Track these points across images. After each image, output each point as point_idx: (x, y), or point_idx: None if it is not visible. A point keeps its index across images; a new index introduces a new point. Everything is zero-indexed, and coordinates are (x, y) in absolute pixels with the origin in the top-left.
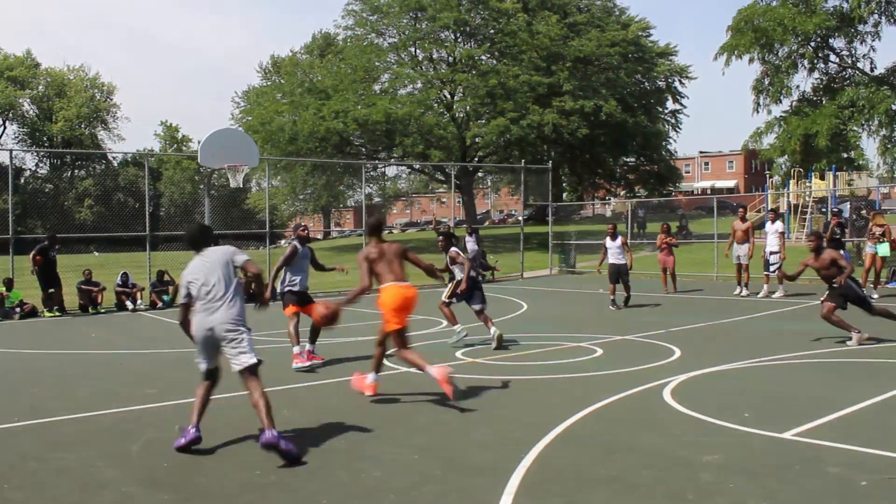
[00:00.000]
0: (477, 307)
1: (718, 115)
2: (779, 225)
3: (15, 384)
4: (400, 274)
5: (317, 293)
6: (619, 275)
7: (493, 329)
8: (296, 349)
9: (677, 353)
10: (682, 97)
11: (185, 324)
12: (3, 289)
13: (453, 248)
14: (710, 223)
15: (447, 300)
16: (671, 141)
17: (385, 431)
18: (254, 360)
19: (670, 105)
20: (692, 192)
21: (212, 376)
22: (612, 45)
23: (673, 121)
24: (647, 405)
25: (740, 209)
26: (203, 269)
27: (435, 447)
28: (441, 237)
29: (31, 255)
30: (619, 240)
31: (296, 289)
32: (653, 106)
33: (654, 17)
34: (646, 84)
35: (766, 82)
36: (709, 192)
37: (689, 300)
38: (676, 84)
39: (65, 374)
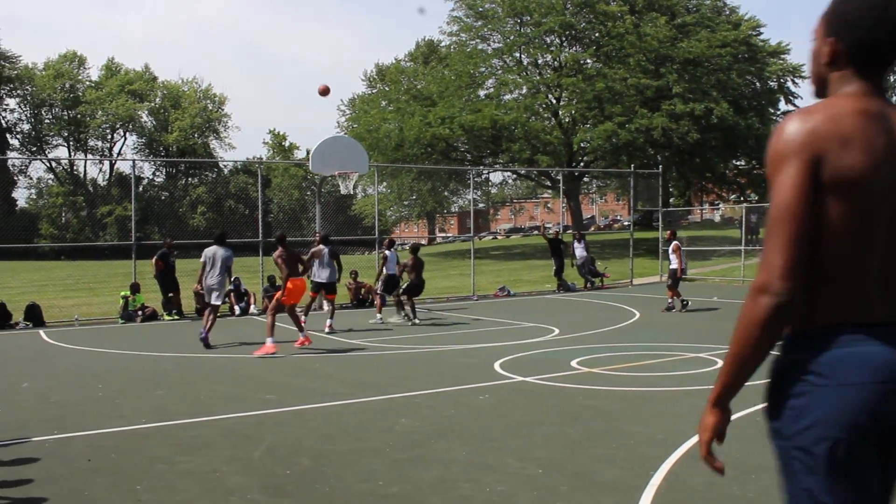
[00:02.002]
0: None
1: None
2: None
3: (141, 386)
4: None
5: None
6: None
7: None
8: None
9: None
10: (795, 97)
11: None
12: (129, 293)
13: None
14: None
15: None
16: None
17: (504, 442)
18: None
19: (783, 106)
20: None
21: None
22: (722, 46)
23: None
24: None
25: None
26: None
27: (558, 461)
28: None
29: (153, 261)
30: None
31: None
32: (765, 107)
33: (765, 15)
34: (757, 85)
35: (893, 80)
36: None
37: None
38: (789, 84)
39: (186, 377)
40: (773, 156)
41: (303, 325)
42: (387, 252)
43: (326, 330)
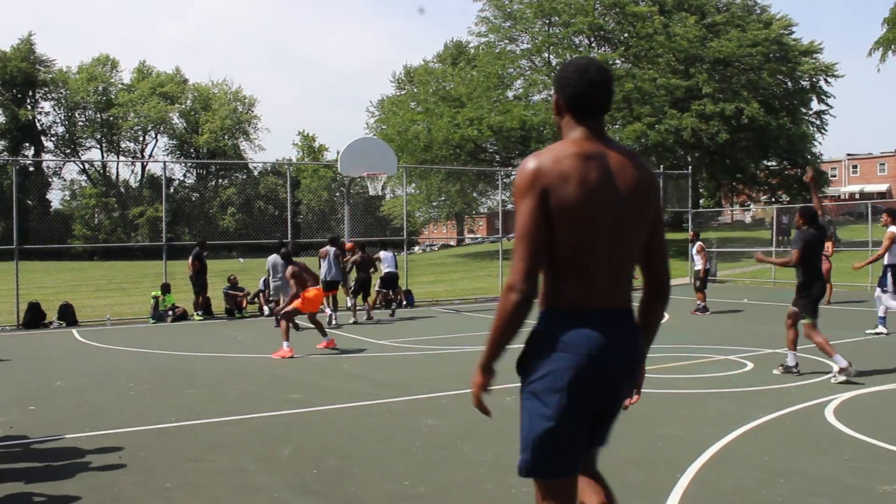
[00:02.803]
0: None
1: (867, 115)
2: None
3: (171, 385)
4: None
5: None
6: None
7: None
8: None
9: (835, 368)
10: (828, 97)
11: None
12: (159, 293)
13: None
14: (860, 230)
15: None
16: (816, 143)
17: None
18: None
19: (815, 105)
20: (839, 196)
21: None
22: (753, 45)
23: (818, 122)
24: (809, 425)
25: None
26: None
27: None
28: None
29: (189, 261)
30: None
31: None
32: (796, 107)
33: (797, 13)
34: (789, 84)
35: None
36: (857, 196)
37: (846, 312)
38: (822, 83)
39: (215, 377)
40: (515, 188)
41: (325, 328)
42: (381, 253)
43: (333, 323)
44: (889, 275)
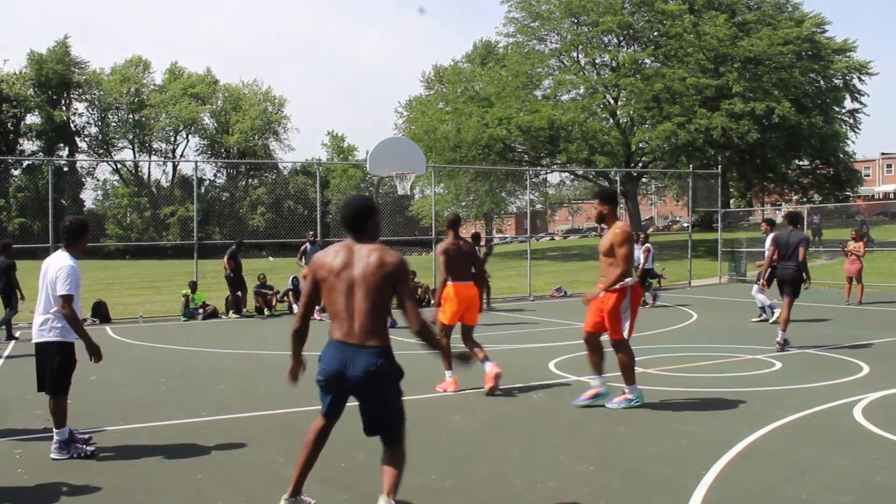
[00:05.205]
0: None
1: None
2: None
3: (203, 381)
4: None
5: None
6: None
7: None
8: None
9: (865, 369)
10: (862, 95)
11: None
12: (189, 291)
13: None
14: (894, 230)
15: None
16: (849, 142)
17: (558, 440)
18: None
19: (848, 104)
20: (872, 196)
21: None
22: (784, 44)
23: (851, 121)
24: (836, 424)
25: None
26: None
27: (611, 459)
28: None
29: (224, 260)
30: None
31: None
32: (829, 106)
33: (831, 11)
34: (821, 83)
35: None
36: (892, 196)
37: (877, 312)
38: (855, 81)
39: (245, 373)
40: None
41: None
42: (637, 247)
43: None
44: None
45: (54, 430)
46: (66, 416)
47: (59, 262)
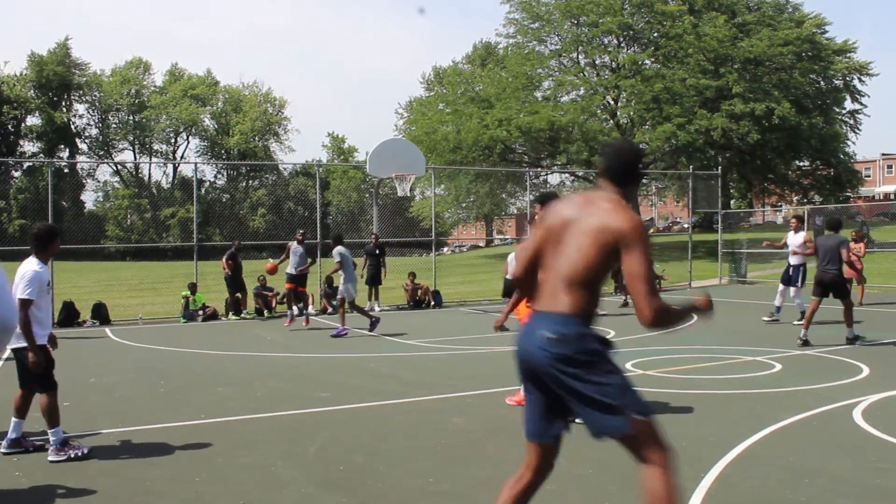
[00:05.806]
0: None
1: None
2: None
3: (202, 383)
4: None
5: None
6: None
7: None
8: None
9: (865, 370)
10: (862, 95)
11: None
12: (188, 293)
13: None
14: (894, 230)
15: None
16: (849, 143)
17: None
18: None
19: (848, 105)
20: (873, 197)
21: None
22: (784, 45)
23: (851, 121)
24: (836, 426)
25: None
26: None
27: (609, 462)
28: None
29: (223, 261)
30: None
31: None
32: (829, 106)
33: (831, 12)
34: (821, 83)
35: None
36: (892, 197)
37: (878, 313)
38: (855, 82)
39: (244, 375)
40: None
41: None
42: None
43: (305, 325)
44: None
45: (48, 430)
46: (59, 416)
47: (24, 268)
